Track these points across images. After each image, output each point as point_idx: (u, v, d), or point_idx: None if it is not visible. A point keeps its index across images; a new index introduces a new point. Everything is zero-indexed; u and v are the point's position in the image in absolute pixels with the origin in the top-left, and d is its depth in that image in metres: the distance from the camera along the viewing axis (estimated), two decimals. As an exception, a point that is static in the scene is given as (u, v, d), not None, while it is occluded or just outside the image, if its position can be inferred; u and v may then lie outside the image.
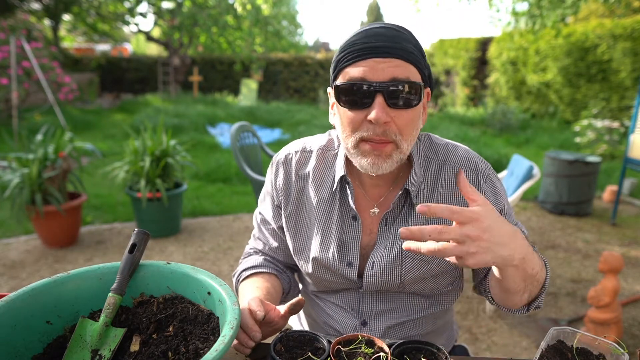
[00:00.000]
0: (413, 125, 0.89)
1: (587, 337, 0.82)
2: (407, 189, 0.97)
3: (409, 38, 0.87)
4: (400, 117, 0.86)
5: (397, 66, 0.84)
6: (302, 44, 26.50)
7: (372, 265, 1.01)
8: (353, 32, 0.89)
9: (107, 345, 0.75)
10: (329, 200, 1.03)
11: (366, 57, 0.84)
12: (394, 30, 0.86)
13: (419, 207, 0.68)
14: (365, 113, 0.86)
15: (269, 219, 1.12)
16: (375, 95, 0.83)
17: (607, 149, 6.46)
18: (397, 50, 0.84)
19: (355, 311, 1.08)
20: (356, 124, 0.88)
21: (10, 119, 7.57)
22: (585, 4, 6.61)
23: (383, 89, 0.83)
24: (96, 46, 18.85)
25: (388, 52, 0.83)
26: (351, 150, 0.91)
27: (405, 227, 0.70)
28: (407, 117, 0.87)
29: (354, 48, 0.85)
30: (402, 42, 0.85)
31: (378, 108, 0.83)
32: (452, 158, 1.01)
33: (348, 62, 0.86)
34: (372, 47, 0.84)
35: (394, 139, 0.87)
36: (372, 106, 0.84)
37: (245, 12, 12.42)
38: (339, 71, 0.89)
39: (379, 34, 0.85)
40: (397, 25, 0.89)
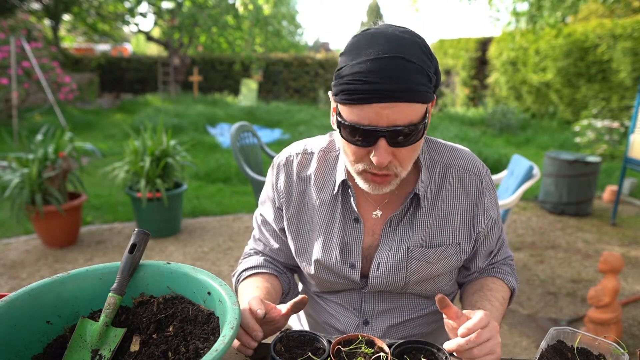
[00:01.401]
0: (414, 155, 0.89)
1: (587, 337, 0.82)
2: (417, 193, 0.98)
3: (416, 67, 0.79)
4: (402, 152, 0.85)
5: (401, 111, 0.79)
6: (302, 44, 26.50)
7: (378, 267, 1.01)
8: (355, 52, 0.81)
9: (107, 345, 0.75)
10: (330, 202, 1.03)
11: (369, 102, 0.79)
12: (399, 60, 0.78)
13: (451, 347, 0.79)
14: (368, 150, 0.85)
15: (270, 221, 1.12)
16: (378, 138, 0.82)
17: (607, 149, 6.46)
18: (401, 93, 0.78)
19: (358, 310, 1.09)
20: (358, 157, 0.87)
21: (10, 119, 7.57)
22: (585, 4, 6.61)
23: (385, 134, 0.81)
24: (96, 46, 18.86)
25: (391, 97, 0.78)
26: (353, 173, 0.92)
27: (466, 329, 0.77)
28: (410, 151, 0.86)
29: (357, 87, 0.79)
30: (408, 78, 0.78)
31: (381, 152, 0.82)
32: (457, 162, 1.02)
33: (350, 102, 0.81)
34: (375, 90, 0.78)
35: (395, 172, 0.88)
36: (375, 147, 0.83)
37: (246, 12, 12.42)
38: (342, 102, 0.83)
39: (385, 69, 0.78)
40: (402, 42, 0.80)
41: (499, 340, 0.80)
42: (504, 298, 1.03)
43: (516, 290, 1.09)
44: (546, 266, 3.34)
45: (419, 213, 0.99)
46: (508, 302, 1.07)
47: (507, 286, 1.07)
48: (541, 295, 2.92)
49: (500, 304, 1.00)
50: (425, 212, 1.00)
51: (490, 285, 1.04)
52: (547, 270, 3.27)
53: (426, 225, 0.99)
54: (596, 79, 8.66)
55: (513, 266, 1.13)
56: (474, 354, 0.77)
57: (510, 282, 1.08)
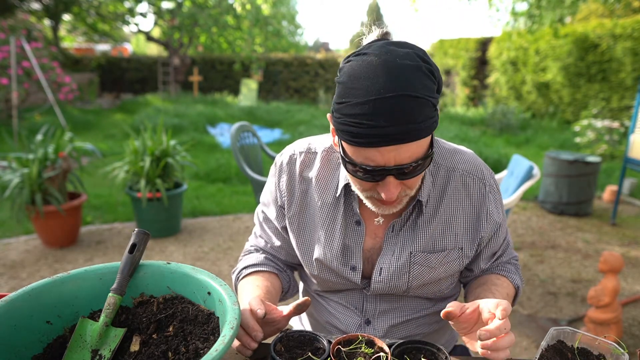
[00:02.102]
0: (419, 180, 0.89)
1: (587, 337, 0.82)
2: (420, 200, 0.97)
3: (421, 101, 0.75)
4: (411, 181, 0.85)
5: (409, 150, 0.77)
6: (302, 44, 26.50)
7: (380, 272, 1.01)
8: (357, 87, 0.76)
9: (107, 345, 0.75)
10: (333, 204, 1.03)
11: (373, 146, 0.76)
12: (403, 99, 0.73)
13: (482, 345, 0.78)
14: (375, 184, 0.84)
15: (272, 219, 1.11)
16: (386, 175, 0.81)
17: (607, 149, 6.46)
18: (407, 134, 0.75)
19: (359, 310, 1.09)
20: (365, 188, 0.87)
21: (10, 119, 7.57)
22: (585, 4, 6.61)
23: (394, 173, 0.80)
24: (96, 46, 18.86)
25: (396, 139, 0.75)
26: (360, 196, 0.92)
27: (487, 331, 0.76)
28: (415, 180, 0.86)
29: (360, 130, 0.76)
30: (416, 115, 0.75)
31: (389, 187, 0.82)
32: (460, 165, 1.01)
33: (353, 144, 0.78)
34: (381, 134, 0.74)
35: (404, 195, 0.88)
36: (383, 183, 0.82)
37: (245, 12, 12.42)
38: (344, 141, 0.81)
39: (390, 110, 0.73)
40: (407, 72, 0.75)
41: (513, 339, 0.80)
42: (508, 294, 1.03)
43: (521, 288, 1.08)
44: (546, 266, 3.34)
45: (421, 218, 0.99)
46: (513, 300, 1.06)
47: (512, 284, 1.06)
48: (541, 295, 2.92)
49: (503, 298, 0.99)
50: (428, 217, 0.99)
51: (494, 280, 1.04)
52: (547, 270, 3.27)
53: (429, 230, 0.99)
54: (596, 78, 8.66)
55: (518, 266, 1.12)
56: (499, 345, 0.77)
57: (515, 281, 1.07)
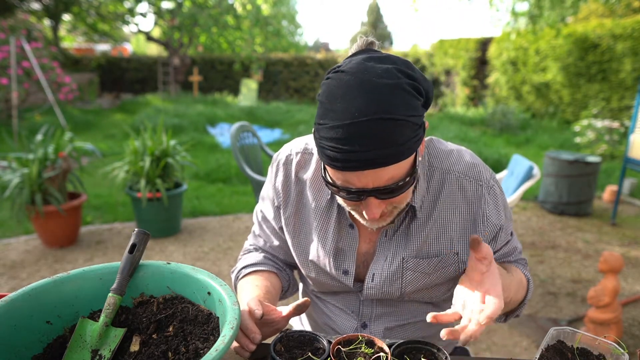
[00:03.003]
0: (409, 194, 0.87)
1: (587, 337, 0.82)
2: (413, 205, 0.95)
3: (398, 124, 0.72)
4: (396, 198, 0.83)
5: (387, 173, 0.76)
6: (302, 44, 26.50)
7: (373, 278, 1.00)
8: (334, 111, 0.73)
9: (107, 345, 0.75)
10: (326, 207, 1.02)
11: (350, 170, 0.75)
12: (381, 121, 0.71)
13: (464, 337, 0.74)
14: (358, 203, 0.83)
15: (270, 219, 1.11)
16: (367, 197, 0.79)
17: (607, 149, 6.46)
18: (386, 158, 0.73)
19: (356, 314, 1.08)
20: (350, 206, 0.88)
21: (10, 119, 7.57)
22: (585, 4, 6.62)
23: (374, 194, 0.79)
24: (96, 46, 18.85)
25: (373, 164, 0.73)
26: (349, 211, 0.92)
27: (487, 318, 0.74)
28: (403, 196, 0.84)
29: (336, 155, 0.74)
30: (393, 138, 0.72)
31: (371, 208, 0.81)
32: (456, 167, 0.97)
33: (332, 167, 0.77)
34: (358, 159, 0.72)
35: (392, 208, 0.87)
36: (365, 202, 0.81)
37: (245, 12, 12.42)
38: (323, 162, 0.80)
39: (364, 134, 0.71)
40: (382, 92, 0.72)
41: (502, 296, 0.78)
42: (522, 281, 0.99)
43: (531, 281, 1.05)
44: (546, 266, 3.34)
45: (414, 224, 0.97)
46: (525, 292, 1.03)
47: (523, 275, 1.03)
48: (541, 295, 2.92)
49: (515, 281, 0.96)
50: (422, 222, 0.97)
51: (505, 266, 1.01)
52: (547, 270, 3.27)
53: (422, 235, 0.97)
54: (596, 78, 8.66)
55: (526, 266, 1.09)
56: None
57: (525, 273, 1.04)
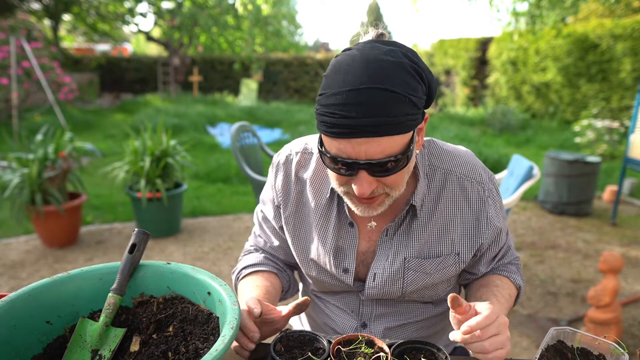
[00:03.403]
0: (403, 179, 0.86)
1: (587, 337, 0.82)
2: (414, 204, 0.95)
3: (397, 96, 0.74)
4: (387, 179, 0.82)
5: (381, 144, 0.76)
6: (302, 44, 26.50)
7: (374, 277, 1.00)
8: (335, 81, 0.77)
9: (107, 345, 0.75)
10: (326, 206, 1.02)
11: (346, 137, 0.76)
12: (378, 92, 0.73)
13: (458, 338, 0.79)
14: (350, 179, 0.83)
15: (270, 219, 1.11)
16: (359, 170, 0.79)
17: (607, 149, 6.46)
18: (381, 127, 0.74)
19: (355, 313, 1.08)
20: (341, 183, 0.86)
21: (10, 119, 7.57)
22: (585, 4, 6.62)
23: (366, 167, 0.78)
24: (96, 46, 18.85)
25: (370, 132, 0.74)
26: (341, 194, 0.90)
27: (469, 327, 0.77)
28: (395, 178, 0.83)
29: (333, 120, 0.76)
30: (389, 109, 0.74)
31: (361, 182, 0.80)
32: (457, 168, 0.98)
33: (327, 134, 0.79)
34: (352, 125, 0.74)
35: (383, 192, 0.85)
36: (356, 177, 0.81)
37: (245, 12, 12.42)
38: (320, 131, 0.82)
39: (363, 101, 0.73)
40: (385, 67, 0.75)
41: (508, 334, 0.79)
42: (510, 295, 1.02)
43: (522, 288, 1.08)
44: (546, 266, 3.34)
45: (415, 223, 0.97)
46: (515, 300, 1.06)
47: (514, 284, 1.06)
48: (541, 295, 2.92)
49: (506, 300, 0.99)
50: (423, 222, 0.97)
51: (496, 281, 1.03)
52: (547, 270, 3.27)
53: (424, 235, 0.97)
54: (596, 78, 8.66)
55: (519, 266, 1.11)
56: (485, 347, 0.77)
57: (517, 281, 1.06)
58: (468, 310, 0.80)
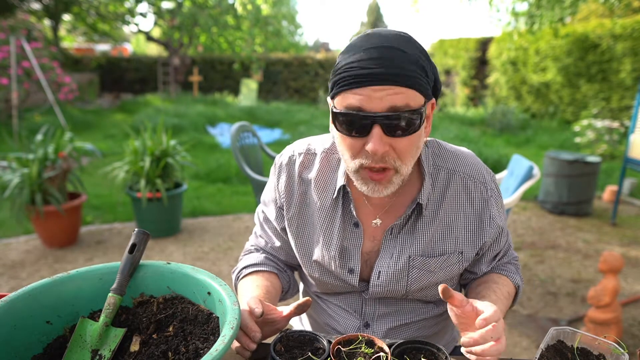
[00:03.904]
0: (413, 148, 0.86)
1: (587, 337, 0.82)
2: (420, 203, 0.95)
3: (410, 57, 0.80)
4: (399, 143, 0.83)
5: (395, 94, 0.79)
6: (302, 44, 26.50)
7: (379, 275, 1.00)
8: (352, 48, 0.83)
9: (107, 345, 0.75)
10: (331, 206, 1.02)
11: (363, 85, 0.79)
12: (393, 49, 0.80)
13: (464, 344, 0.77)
14: (363, 141, 0.83)
15: (271, 219, 1.11)
16: (372, 125, 0.80)
17: (607, 149, 6.46)
18: (395, 76, 0.78)
19: (358, 313, 1.08)
20: (354, 151, 0.86)
21: (10, 119, 7.57)
22: (585, 4, 6.61)
23: (380, 120, 0.79)
24: (96, 46, 18.85)
25: (386, 80, 0.78)
26: (351, 173, 0.90)
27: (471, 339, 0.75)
28: (407, 143, 0.84)
29: (351, 73, 0.80)
30: (402, 64, 0.79)
31: (375, 140, 0.80)
32: (461, 168, 0.99)
33: (344, 88, 0.81)
34: (368, 74, 0.78)
35: (393, 165, 0.85)
36: (370, 136, 0.81)
37: (245, 12, 12.42)
38: (336, 93, 0.84)
39: (377, 56, 0.79)
40: (397, 37, 0.82)
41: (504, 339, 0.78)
42: (509, 293, 1.02)
43: (521, 287, 1.08)
44: (546, 266, 3.34)
45: (420, 222, 0.98)
46: (513, 299, 1.06)
47: (512, 283, 1.06)
48: (541, 295, 2.92)
49: (505, 298, 0.99)
50: (428, 220, 0.98)
51: (495, 279, 1.03)
52: (547, 270, 3.27)
53: (428, 233, 0.98)
54: (596, 78, 8.66)
55: (518, 266, 1.12)
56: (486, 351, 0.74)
57: (515, 280, 1.06)
58: (465, 305, 0.79)
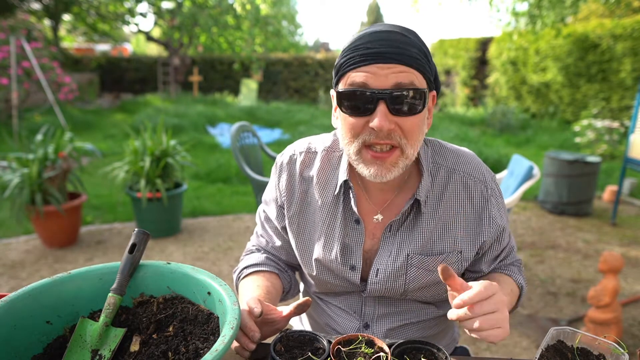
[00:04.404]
0: (418, 130, 0.87)
1: (587, 337, 0.82)
2: (418, 199, 0.95)
3: (413, 42, 0.84)
4: (404, 122, 0.84)
5: (400, 72, 0.81)
6: (302, 44, 26.50)
7: (377, 273, 1.00)
8: (356, 35, 0.87)
9: (107, 345, 0.75)
10: (332, 203, 1.02)
11: (369, 63, 0.81)
12: (398, 34, 0.83)
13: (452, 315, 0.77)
14: (368, 119, 0.84)
15: (272, 219, 1.11)
16: (378, 102, 0.81)
17: (607, 149, 6.46)
18: (400, 56, 0.81)
19: (358, 314, 1.08)
20: (358, 129, 0.86)
21: (10, 119, 7.57)
22: (585, 4, 6.61)
23: (386, 96, 0.81)
24: (96, 46, 18.85)
25: (391, 58, 0.81)
26: (353, 157, 0.89)
27: (462, 300, 0.74)
28: (412, 122, 0.84)
29: (357, 53, 0.83)
30: (406, 46, 0.82)
31: (380, 116, 0.81)
32: (461, 167, 0.99)
33: (350, 67, 0.84)
34: (374, 52, 0.81)
35: (399, 143, 0.85)
36: (375, 113, 0.82)
37: (245, 12, 12.42)
38: (341, 75, 0.86)
39: (383, 38, 0.82)
40: (401, 27, 0.86)
41: (506, 314, 0.76)
42: (512, 290, 1.01)
43: (524, 289, 1.07)
44: (546, 266, 3.34)
45: (419, 219, 0.97)
46: (517, 300, 1.05)
47: (516, 283, 1.05)
48: (541, 295, 2.92)
49: (508, 293, 0.97)
50: (427, 218, 0.97)
51: (498, 277, 1.02)
52: (547, 270, 3.27)
53: (427, 232, 0.97)
54: (596, 78, 8.66)
55: (521, 268, 1.10)
56: (480, 324, 0.73)
57: (519, 280, 1.05)
58: (465, 287, 0.77)
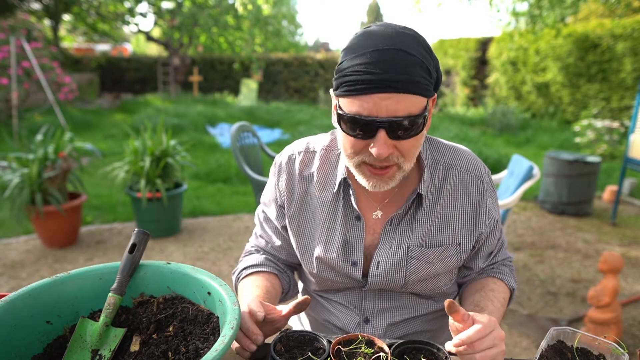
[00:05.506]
0: (416, 148, 0.89)
1: (587, 337, 0.82)
2: (421, 193, 0.98)
3: (415, 59, 0.80)
4: (403, 144, 0.85)
5: (401, 101, 0.80)
6: (302, 44, 26.51)
7: (377, 266, 1.01)
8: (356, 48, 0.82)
9: (107, 345, 0.75)
10: (332, 201, 1.03)
11: (370, 92, 0.80)
12: (398, 52, 0.80)
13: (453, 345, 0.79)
14: (367, 143, 0.84)
15: (272, 219, 1.12)
16: (378, 130, 0.82)
17: (607, 149, 6.46)
18: (402, 84, 0.79)
19: (358, 309, 1.09)
20: (357, 150, 0.87)
21: (10, 119, 7.57)
22: (585, 4, 6.61)
23: (386, 125, 0.81)
24: (96, 46, 18.85)
25: (393, 87, 0.79)
26: (353, 169, 0.91)
27: (460, 340, 0.77)
28: (410, 143, 0.86)
29: (357, 78, 0.80)
30: (409, 69, 0.80)
31: (380, 144, 0.82)
32: (458, 162, 1.02)
33: (350, 93, 0.82)
34: (376, 80, 0.79)
35: (397, 162, 0.87)
36: (374, 139, 0.83)
37: (245, 12, 12.42)
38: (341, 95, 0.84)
39: (386, 60, 0.79)
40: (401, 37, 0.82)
41: (503, 348, 0.79)
42: (505, 299, 1.05)
43: (515, 290, 1.11)
44: (546, 266, 3.34)
45: (419, 213, 1.00)
46: (508, 302, 1.09)
47: (507, 287, 1.09)
48: (541, 295, 2.92)
49: (501, 305, 1.01)
50: (426, 212, 1.00)
51: (491, 285, 1.05)
52: (547, 270, 3.27)
53: (426, 225, 1.00)
54: (596, 78, 8.66)
55: (512, 267, 1.14)
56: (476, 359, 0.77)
57: (510, 283, 1.09)
58: (467, 319, 0.79)
